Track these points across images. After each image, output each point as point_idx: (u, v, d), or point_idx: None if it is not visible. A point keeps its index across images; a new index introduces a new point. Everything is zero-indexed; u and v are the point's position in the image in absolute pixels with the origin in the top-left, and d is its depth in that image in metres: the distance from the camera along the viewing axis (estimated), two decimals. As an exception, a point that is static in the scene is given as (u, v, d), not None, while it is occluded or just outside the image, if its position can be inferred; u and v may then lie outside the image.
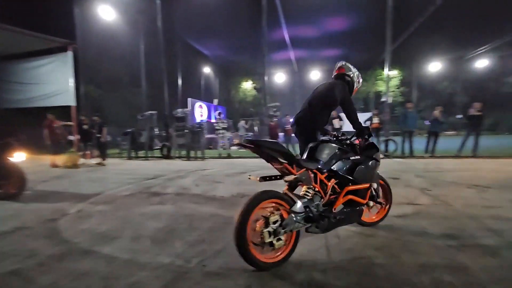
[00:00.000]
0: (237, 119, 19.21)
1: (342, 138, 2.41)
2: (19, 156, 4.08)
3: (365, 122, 8.78)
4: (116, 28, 13.87)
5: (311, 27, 17.06)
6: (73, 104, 9.12)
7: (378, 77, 23.16)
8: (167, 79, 13.40)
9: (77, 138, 9.05)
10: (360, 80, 2.76)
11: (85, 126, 8.59)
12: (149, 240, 2.40)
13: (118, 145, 11.17)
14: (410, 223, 2.65)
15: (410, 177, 5.06)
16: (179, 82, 16.93)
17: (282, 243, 1.83)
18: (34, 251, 2.18)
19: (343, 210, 2.22)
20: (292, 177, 1.94)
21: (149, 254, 2.11)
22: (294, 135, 2.79)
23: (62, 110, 9.40)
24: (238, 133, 14.60)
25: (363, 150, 2.42)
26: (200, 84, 23.10)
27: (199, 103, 19.70)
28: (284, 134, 10.35)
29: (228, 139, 11.34)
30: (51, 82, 9.46)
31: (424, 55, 21.85)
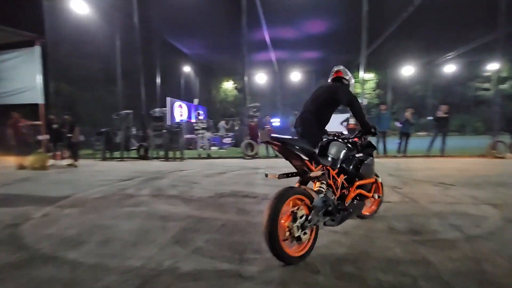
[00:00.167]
0: (218, 119, 19.05)
1: (344, 137, 2.56)
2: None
3: (341, 123, 9.03)
4: (90, 24, 13.27)
5: (291, 29, 17.31)
6: (41, 102, 8.58)
7: (356, 79, 23.92)
8: (145, 78, 13.02)
9: (46, 138, 8.55)
10: (353, 83, 2.90)
11: (55, 126, 8.16)
12: (119, 243, 2.32)
13: (92, 145, 10.71)
14: (380, 220, 2.76)
15: (382, 176, 5.20)
16: (158, 80, 16.51)
17: (307, 236, 1.92)
18: (-10, 259, 2.04)
19: (352, 203, 2.39)
20: (320, 172, 2.08)
21: (118, 258, 2.04)
22: (297, 135, 2.84)
23: (30, 109, 8.84)
24: (223, 133, 14.51)
25: (364, 148, 2.60)
26: (180, 83, 22.66)
27: (179, 102, 19.32)
28: (264, 135, 10.41)
29: (208, 140, 11.22)
30: (16, 78, 8.84)
31: (398, 59, 22.88)
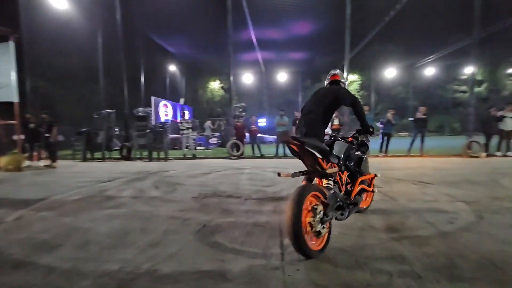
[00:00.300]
0: (204, 119, 18.88)
1: (342, 136, 2.77)
2: None
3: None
4: (71, 19, 12.82)
5: (277, 30, 17.42)
6: (15, 100, 8.18)
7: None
8: (129, 76, 12.71)
9: (21, 138, 8.17)
10: (347, 85, 3.09)
11: (31, 125, 7.81)
12: (96, 247, 2.25)
13: (72, 145, 10.34)
14: (359, 218, 2.82)
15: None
16: (142, 79, 16.16)
17: (326, 230, 2.03)
18: (-46, 266, 1.92)
19: (357, 197, 2.57)
20: (336, 169, 2.28)
21: (95, 262, 1.97)
22: (300, 135, 2.88)
23: (4, 107, 8.42)
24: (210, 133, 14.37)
25: (359, 147, 2.81)
26: (165, 82, 22.30)
27: (164, 102, 19.02)
28: (249, 135, 10.41)
29: (194, 140, 11.10)
30: (-12, 75, 8.40)
31: (381, 61, 23.54)
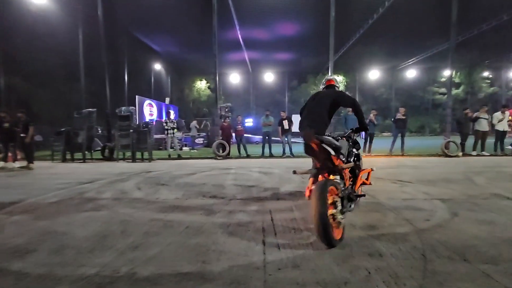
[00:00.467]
0: (190, 119, 18.67)
1: (340, 135, 3.03)
2: None
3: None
4: (49, 15, 12.34)
5: (264, 30, 17.48)
6: (-11, 99, 7.80)
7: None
8: (112, 75, 12.37)
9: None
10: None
11: (6, 124, 7.46)
12: (73, 251, 2.18)
13: (51, 146, 9.95)
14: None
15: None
16: (125, 78, 15.77)
17: (344, 221, 2.27)
18: None
19: (359, 190, 2.82)
20: (352, 164, 2.64)
21: (70, 267, 1.91)
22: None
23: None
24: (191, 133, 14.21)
25: (354, 144, 3.07)
26: (150, 81, 21.87)
27: (148, 101, 18.66)
28: (236, 135, 10.37)
29: (179, 140, 10.95)
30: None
31: (365, 63, 24.13)
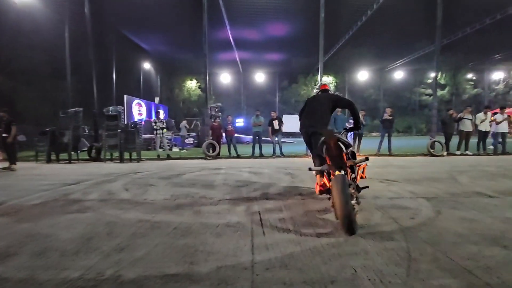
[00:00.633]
0: (180, 118, 18.49)
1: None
2: None
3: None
4: (34, 11, 11.98)
5: (254, 31, 17.50)
6: (-31, 97, 7.50)
7: (315, 82, 25.03)
8: (100, 73, 12.11)
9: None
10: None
11: (-13, 124, 7.20)
12: (56, 254, 2.12)
13: (35, 146, 9.66)
14: (328, 217, 2.91)
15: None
16: (114, 77, 15.47)
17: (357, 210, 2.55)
18: None
19: (360, 183, 3.01)
20: (364, 158, 2.85)
21: (53, 270, 1.86)
22: (307, 135, 3.56)
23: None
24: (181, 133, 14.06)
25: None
26: (139, 80, 21.53)
27: (137, 100, 18.36)
28: (226, 135, 10.34)
29: (169, 140, 10.82)
30: None
31: (354, 64, 24.50)
